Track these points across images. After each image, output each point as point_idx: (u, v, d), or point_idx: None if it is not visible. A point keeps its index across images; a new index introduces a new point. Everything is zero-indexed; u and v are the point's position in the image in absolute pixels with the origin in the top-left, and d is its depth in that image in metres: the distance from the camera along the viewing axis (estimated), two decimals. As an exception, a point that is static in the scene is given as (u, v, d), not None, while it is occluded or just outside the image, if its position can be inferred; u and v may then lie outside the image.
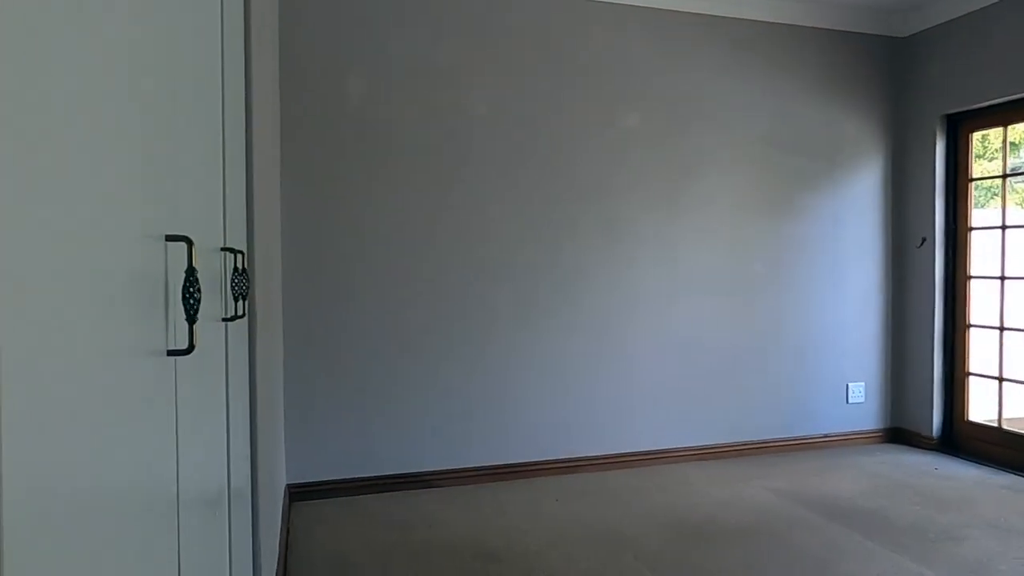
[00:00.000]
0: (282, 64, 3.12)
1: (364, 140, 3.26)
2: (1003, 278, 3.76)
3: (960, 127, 3.94)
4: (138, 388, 0.66)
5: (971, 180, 3.92)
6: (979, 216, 3.97)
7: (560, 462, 3.56)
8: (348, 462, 3.26)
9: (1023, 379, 3.70)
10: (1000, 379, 3.77)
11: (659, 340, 3.73)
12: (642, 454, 3.69)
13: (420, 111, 3.33)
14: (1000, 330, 3.77)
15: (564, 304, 3.57)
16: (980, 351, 3.90)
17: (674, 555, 2.59)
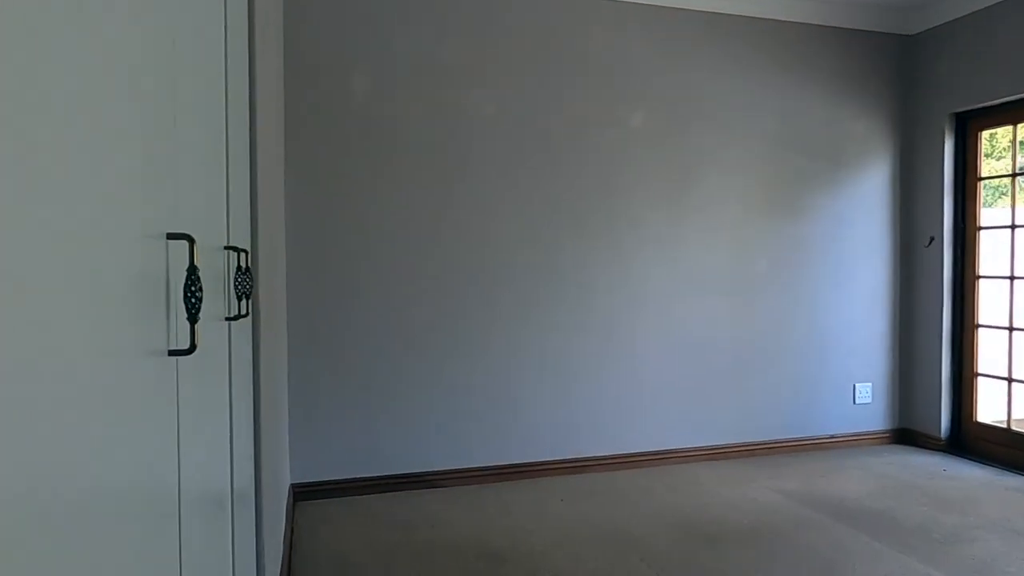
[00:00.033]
0: (286, 61, 3.12)
1: (368, 138, 3.26)
2: (1012, 278, 3.73)
3: (969, 125, 3.91)
4: (138, 388, 0.65)
5: (980, 179, 3.89)
6: (988, 215, 3.95)
7: (566, 462, 3.55)
8: (352, 461, 3.26)
9: (1032, 379, 3.68)
10: (1009, 380, 3.74)
11: (665, 340, 3.72)
12: (650, 454, 3.68)
13: (424, 109, 3.33)
14: (1009, 330, 3.74)
15: (570, 302, 3.56)
16: (989, 351, 3.87)
17: (681, 556, 2.58)
